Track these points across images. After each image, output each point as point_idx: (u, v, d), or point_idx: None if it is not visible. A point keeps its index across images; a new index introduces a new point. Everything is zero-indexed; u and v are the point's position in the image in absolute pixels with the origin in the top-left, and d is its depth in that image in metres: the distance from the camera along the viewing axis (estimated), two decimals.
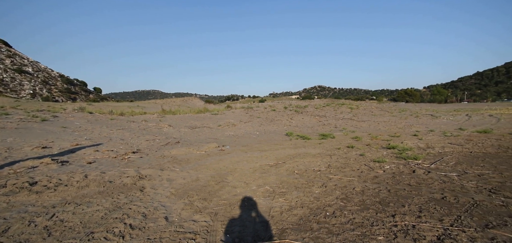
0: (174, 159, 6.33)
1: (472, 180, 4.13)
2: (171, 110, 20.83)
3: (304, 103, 29.18)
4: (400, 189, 3.84)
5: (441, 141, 8.41)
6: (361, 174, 4.77)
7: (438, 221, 2.71)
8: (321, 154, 6.76)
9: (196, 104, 32.93)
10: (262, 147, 8.13)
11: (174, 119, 15.71)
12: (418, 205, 3.18)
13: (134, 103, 41.10)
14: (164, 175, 4.86)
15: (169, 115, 18.01)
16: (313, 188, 4.04)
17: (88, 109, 18.00)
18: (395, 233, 2.49)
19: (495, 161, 5.37)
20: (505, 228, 2.45)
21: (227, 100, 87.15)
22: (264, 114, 19.93)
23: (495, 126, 12.61)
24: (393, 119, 18.64)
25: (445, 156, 6.06)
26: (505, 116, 17.69)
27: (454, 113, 22.18)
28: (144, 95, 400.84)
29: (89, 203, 3.40)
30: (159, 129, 12.17)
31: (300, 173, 4.98)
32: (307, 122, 17.15)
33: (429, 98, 78.40)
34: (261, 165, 5.68)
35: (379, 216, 2.92)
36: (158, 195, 3.81)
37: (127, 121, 13.98)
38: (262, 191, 3.93)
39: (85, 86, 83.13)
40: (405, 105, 35.22)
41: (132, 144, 8.34)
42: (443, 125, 14.39)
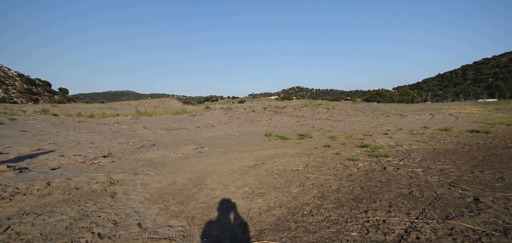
0: (149, 163, 6.06)
1: (435, 175, 4.46)
2: (146, 111, 19.97)
3: (283, 103, 29.64)
4: (372, 186, 4.03)
5: (409, 139, 9.00)
6: (337, 172, 4.94)
7: (406, 215, 2.89)
8: (299, 154, 6.89)
9: (173, 105, 31.88)
10: (242, 148, 8.10)
11: (149, 121, 15.08)
12: (388, 201, 3.36)
13: (106, 104, 38.79)
14: (138, 180, 4.63)
15: (144, 116, 17.26)
16: (291, 188, 4.10)
17: (52, 111, 16.61)
18: (367, 229, 2.61)
19: (454, 156, 5.87)
20: (462, 219, 2.68)
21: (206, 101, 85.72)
22: (244, 115, 19.90)
23: (454, 124, 13.82)
24: (366, 118, 19.61)
25: (412, 153, 6.50)
26: (463, 114, 19.48)
27: (420, 112, 23.92)
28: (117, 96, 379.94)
29: (51, 213, 3.12)
30: (133, 131, 11.60)
31: (279, 173, 5.03)
32: (286, 122, 17.43)
33: (398, 98, 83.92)
34: (240, 166, 5.65)
35: (353, 213, 3.04)
36: (131, 201, 3.62)
37: (97, 123, 13.14)
38: (241, 193, 3.91)
39: (49, 87, 76.65)
40: (377, 105, 37.28)
41: (103, 147, 7.84)
42: (410, 123, 15.43)
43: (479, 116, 18.00)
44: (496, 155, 5.83)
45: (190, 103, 45.47)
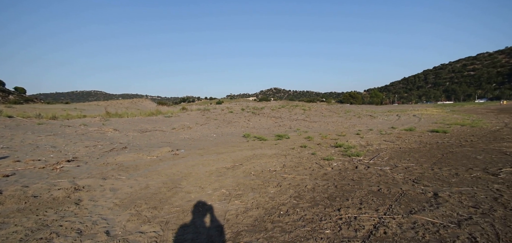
0: (119, 166, 5.72)
1: (400, 172, 4.78)
2: (117, 112, 18.86)
3: (261, 105, 29.86)
4: (345, 184, 4.21)
5: (378, 138, 9.56)
6: (313, 172, 5.08)
7: (375, 211, 3.06)
8: (276, 155, 6.98)
9: (147, 106, 30.44)
10: (219, 150, 8.00)
11: (121, 123, 14.26)
12: (359, 198, 3.53)
13: (71, 105, 35.91)
14: (107, 185, 4.35)
15: (115, 118, 16.29)
16: (268, 188, 4.13)
17: (6, 112, 14.98)
18: (340, 226, 2.71)
19: (417, 155, 6.35)
20: (424, 213, 2.91)
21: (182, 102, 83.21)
22: (222, 116, 19.69)
23: (417, 124, 14.98)
24: (340, 119, 20.49)
25: (381, 152, 6.91)
26: (425, 116, 21.21)
27: (388, 113, 25.58)
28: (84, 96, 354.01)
29: (3, 225, 2.80)
30: (102, 134, 10.88)
31: (257, 174, 5.05)
32: (264, 123, 17.58)
33: (368, 100, 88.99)
34: (218, 168, 5.57)
35: (327, 211, 3.15)
36: (98, 208, 3.38)
37: (60, 125, 12.11)
38: (218, 195, 3.85)
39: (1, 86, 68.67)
40: (349, 107, 39.17)
41: (67, 151, 7.24)
42: (379, 124, 16.43)
43: (438, 117, 19.73)
44: (452, 153, 6.41)
45: (165, 104, 43.71)
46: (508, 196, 3.23)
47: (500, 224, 2.50)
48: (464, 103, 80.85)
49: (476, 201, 3.16)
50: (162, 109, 26.64)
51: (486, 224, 2.52)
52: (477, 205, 3.01)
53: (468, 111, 27.49)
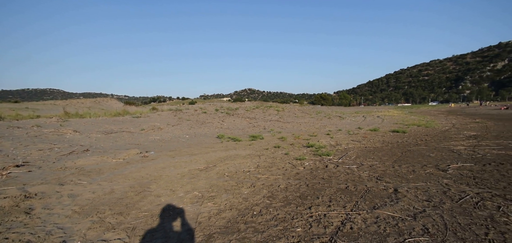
0: (80, 171, 5.26)
1: (366, 170, 5.11)
2: (78, 113, 17.32)
3: (235, 105, 29.74)
4: (316, 183, 4.37)
5: (346, 138, 10.11)
6: (286, 172, 5.19)
7: (343, 208, 3.23)
8: (250, 155, 7.00)
9: (112, 106, 28.35)
10: (192, 151, 7.78)
11: (82, 124, 13.13)
12: (329, 196, 3.69)
13: (21, 104, 32.06)
14: (65, 191, 3.97)
15: (75, 118, 14.95)
16: (242, 189, 4.12)
17: None
18: (310, 223, 2.81)
19: (381, 153, 6.84)
20: (385, 208, 3.14)
21: (152, 102, 79.26)
22: (195, 117, 19.19)
23: (381, 125, 16.16)
24: (311, 120, 21.26)
25: (349, 151, 7.31)
26: (387, 117, 22.97)
27: (355, 114, 27.21)
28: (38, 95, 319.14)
29: None
30: (60, 135, 9.92)
31: (231, 175, 5.01)
32: (238, 124, 17.53)
33: (338, 102, 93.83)
34: (190, 170, 5.42)
35: (299, 210, 3.24)
36: (53, 216, 3.06)
37: (8, 126, 10.76)
38: (190, 197, 3.73)
39: None
40: (320, 108, 40.84)
41: (16, 155, 6.46)
42: (347, 125, 17.39)
43: (398, 118, 21.51)
44: (410, 151, 7.02)
45: (134, 104, 41.11)
46: (455, 190, 3.64)
47: (448, 215, 2.80)
48: (420, 106, 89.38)
49: (429, 195, 3.50)
50: (130, 109, 25.12)
51: (437, 215, 2.81)
52: (429, 199, 3.33)
53: (423, 113, 30.44)
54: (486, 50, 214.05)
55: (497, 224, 2.53)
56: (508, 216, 2.68)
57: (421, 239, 2.34)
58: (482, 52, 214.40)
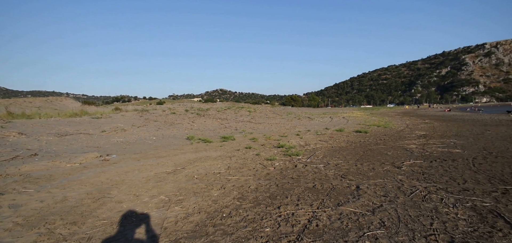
0: (26, 178, 4.66)
1: (332, 169, 5.38)
2: (24, 113, 15.34)
3: (206, 106, 29.14)
4: (285, 183, 4.47)
5: (315, 139, 10.55)
6: (256, 172, 5.23)
7: (310, 206, 3.35)
8: (221, 157, 6.91)
9: (67, 106, 25.59)
10: (159, 154, 7.41)
11: (29, 125, 11.67)
12: (297, 195, 3.80)
13: None
14: (4, 201, 3.48)
15: (21, 119, 13.25)
16: (212, 191, 4.04)
17: None
18: (279, 223, 2.86)
19: (345, 153, 7.27)
20: (348, 204, 3.34)
21: (115, 101, 73.60)
22: (163, 118, 18.34)
23: (346, 126, 17.21)
24: (282, 121, 21.77)
25: (317, 151, 7.63)
26: (351, 118, 24.54)
27: (323, 115, 28.59)
28: None
29: None
30: (1, 138, 8.70)
31: (200, 177, 4.88)
32: (209, 125, 17.20)
33: (307, 103, 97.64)
34: (157, 173, 5.15)
35: (268, 210, 3.28)
36: None
37: None
38: (155, 202, 3.55)
39: None
40: (291, 109, 42.07)
41: None
42: (316, 125, 18.17)
43: (361, 119, 23.13)
44: (371, 150, 7.58)
45: (94, 103, 37.64)
46: (407, 185, 4.02)
47: (401, 209, 3.08)
48: (380, 107, 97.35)
49: (386, 190, 3.81)
50: (89, 109, 23.03)
51: (392, 209, 3.07)
52: (386, 194, 3.63)
53: (382, 114, 33.17)
54: (433, 57, 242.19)
55: (440, 214, 2.85)
56: (448, 207, 3.04)
57: (378, 232, 2.53)
58: (429, 59, 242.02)
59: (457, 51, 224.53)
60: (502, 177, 4.10)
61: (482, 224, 2.54)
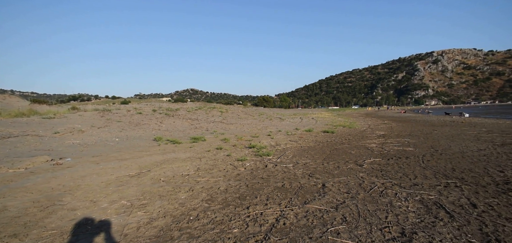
0: None
1: (300, 168, 5.55)
2: None
3: (176, 106, 28.06)
4: (255, 183, 4.49)
5: (285, 139, 10.80)
6: (227, 173, 5.17)
7: (278, 205, 3.41)
8: (191, 158, 6.71)
9: (13, 105, 22.55)
10: (123, 156, 6.93)
11: None
12: (266, 195, 3.84)
13: None
14: None
15: None
16: (179, 194, 3.90)
17: None
18: (247, 223, 2.86)
19: (313, 152, 7.57)
20: (314, 202, 3.48)
21: (72, 100, 66.86)
22: (127, 118, 17.19)
23: (314, 126, 17.95)
24: (254, 121, 21.91)
25: (287, 151, 7.82)
26: (320, 119, 25.69)
27: (293, 116, 29.45)
28: None
29: None
30: None
31: (167, 180, 4.67)
32: (179, 125, 16.58)
33: (279, 104, 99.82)
34: (119, 176, 4.80)
35: (237, 210, 3.26)
36: None
37: None
38: (115, 208, 3.30)
39: None
40: (263, 110, 42.59)
41: None
42: (286, 126, 18.64)
43: (329, 120, 24.35)
44: (337, 149, 8.01)
45: (45, 102, 33.68)
46: (367, 182, 4.32)
47: (361, 204, 3.30)
48: (345, 109, 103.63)
49: (348, 187, 4.04)
50: (40, 108, 20.59)
51: (353, 205, 3.27)
52: (349, 191, 3.86)
53: (348, 115, 35.35)
54: (391, 63, 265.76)
55: (394, 208, 3.12)
56: (401, 201, 3.35)
57: (340, 227, 2.68)
58: (388, 64, 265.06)
59: (411, 57, 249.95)
60: (445, 172, 4.64)
61: (428, 215, 2.84)
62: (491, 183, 3.91)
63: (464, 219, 2.69)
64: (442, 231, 2.45)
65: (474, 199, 3.26)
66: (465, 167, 4.96)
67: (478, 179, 4.15)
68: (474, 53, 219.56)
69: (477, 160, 5.52)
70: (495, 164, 5.11)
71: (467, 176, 4.34)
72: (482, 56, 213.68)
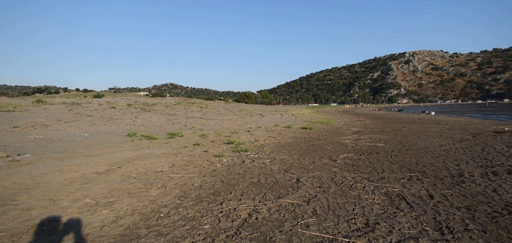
0: None
1: (277, 163, 5.61)
2: None
3: (153, 100, 27.05)
4: (231, 179, 4.47)
5: (264, 135, 10.87)
6: (203, 169, 5.09)
7: (252, 200, 3.42)
8: (166, 154, 6.51)
9: None
10: (91, 152, 6.54)
11: None
12: (241, 190, 3.84)
13: None
14: None
15: None
16: (151, 191, 3.76)
17: None
18: (219, 219, 2.83)
19: (291, 148, 7.69)
20: (287, 196, 3.53)
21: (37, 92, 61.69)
22: (99, 112, 16.24)
23: (294, 122, 18.28)
24: (235, 117, 21.79)
25: (265, 147, 7.87)
26: (299, 115, 26.20)
27: (274, 113, 29.72)
28: None
29: None
30: None
31: (139, 176, 4.49)
32: (156, 121, 16.00)
33: (260, 100, 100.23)
34: (85, 174, 4.52)
35: (210, 206, 3.22)
36: None
37: None
38: (78, 207, 3.10)
39: None
40: (244, 106, 42.47)
41: None
42: (266, 122, 18.77)
43: (308, 116, 24.92)
44: (313, 145, 8.22)
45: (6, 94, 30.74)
46: (339, 176, 4.48)
47: (332, 198, 3.41)
48: (325, 106, 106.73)
49: (321, 182, 4.16)
50: None
51: (324, 198, 3.38)
52: (321, 185, 3.98)
53: (326, 112, 36.43)
54: (367, 62, 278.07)
55: (361, 200, 3.27)
56: (368, 193, 3.51)
57: (310, 220, 2.74)
58: (365, 63, 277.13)
59: (386, 57, 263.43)
60: (409, 166, 4.95)
61: (390, 207, 3.01)
62: (448, 175, 4.24)
63: (422, 209, 2.89)
64: (401, 221, 2.61)
65: (432, 190, 3.52)
66: (427, 161, 5.34)
67: (437, 172, 4.49)
68: (441, 55, 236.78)
69: (438, 155, 5.96)
70: (453, 158, 5.56)
71: (428, 169, 4.67)
72: (448, 57, 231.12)
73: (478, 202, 3.09)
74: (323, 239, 2.36)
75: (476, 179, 3.98)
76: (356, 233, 2.43)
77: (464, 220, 2.61)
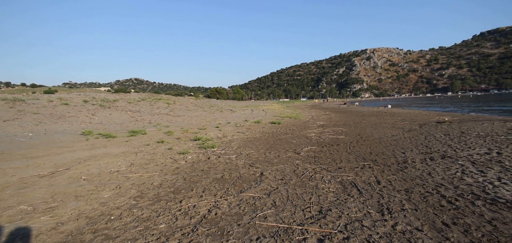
0: None
1: (243, 159, 5.61)
2: None
3: (114, 96, 25.11)
4: (194, 176, 4.35)
5: (233, 130, 10.80)
6: (164, 167, 4.87)
7: (213, 196, 3.36)
8: (125, 153, 6.10)
9: None
10: (35, 153, 5.84)
11: None
12: (203, 187, 3.75)
13: None
14: None
15: None
16: (102, 193, 3.48)
17: None
18: (177, 217, 2.73)
19: (258, 143, 7.76)
20: (250, 190, 3.55)
21: None
22: (48, 109, 14.57)
23: (264, 117, 18.50)
24: (204, 113, 21.30)
25: (233, 142, 7.82)
26: (270, 111, 26.60)
27: (245, 108, 29.76)
28: None
29: None
30: None
31: (90, 178, 4.12)
32: (116, 118, 14.89)
33: (232, 96, 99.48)
34: (23, 177, 4.02)
35: (169, 205, 3.09)
36: None
37: None
38: (10, 215, 2.74)
39: None
40: (215, 102, 41.72)
41: None
42: (237, 118, 18.69)
43: (278, 112, 25.42)
44: (280, 140, 8.40)
45: None
46: (301, 168, 4.64)
47: (291, 189, 3.52)
48: (294, 101, 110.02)
49: (284, 174, 4.27)
50: None
51: (284, 190, 3.47)
52: (283, 178, 4.07)
53: (296, 107, 37.58)
54: (333, 58, 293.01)
55: (318, 189, 3.43)
56: (325, 183, 3.70)
57: (268, 212, 2.79)
58: (331, 59, 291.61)
59: (350, 53, 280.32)
60: (364, 156, 5.33)
61: (343, 194, 3.21)
62: (394, 163, 4.66)
63: (369, 194, 3.13)
64: (350, 206, 2.80)
65: (380, 177, 3.83)
66: (379, 150, 5.81)
67: (386, 160, 4.91)
68: (397, 52, 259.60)
69: (389, 144, 6.52)
70: (401, 147, 6.13)
71: (379, 158, 5.09)
72: (403, 54, 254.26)
73: (415, 184, 3.45)
74: (279, 228, 2.41)
75: (416, 165, 4.44)
76: (309, 220, 2.54)
77: (402, 201, 2.90)
